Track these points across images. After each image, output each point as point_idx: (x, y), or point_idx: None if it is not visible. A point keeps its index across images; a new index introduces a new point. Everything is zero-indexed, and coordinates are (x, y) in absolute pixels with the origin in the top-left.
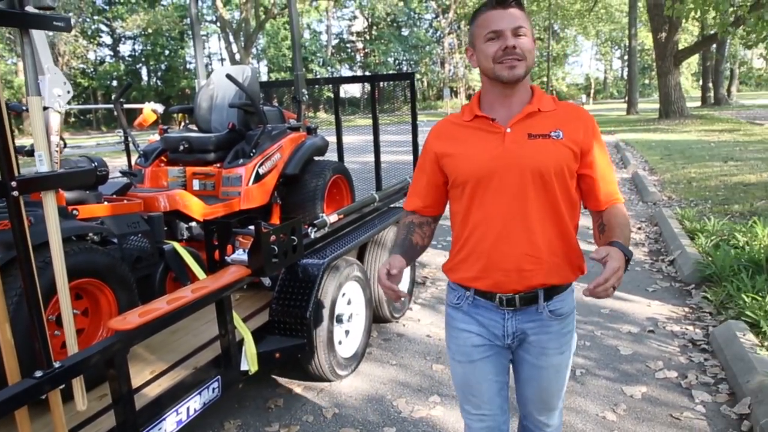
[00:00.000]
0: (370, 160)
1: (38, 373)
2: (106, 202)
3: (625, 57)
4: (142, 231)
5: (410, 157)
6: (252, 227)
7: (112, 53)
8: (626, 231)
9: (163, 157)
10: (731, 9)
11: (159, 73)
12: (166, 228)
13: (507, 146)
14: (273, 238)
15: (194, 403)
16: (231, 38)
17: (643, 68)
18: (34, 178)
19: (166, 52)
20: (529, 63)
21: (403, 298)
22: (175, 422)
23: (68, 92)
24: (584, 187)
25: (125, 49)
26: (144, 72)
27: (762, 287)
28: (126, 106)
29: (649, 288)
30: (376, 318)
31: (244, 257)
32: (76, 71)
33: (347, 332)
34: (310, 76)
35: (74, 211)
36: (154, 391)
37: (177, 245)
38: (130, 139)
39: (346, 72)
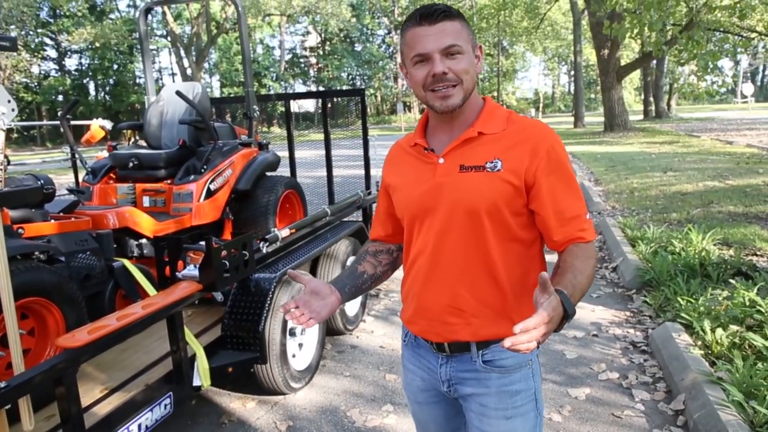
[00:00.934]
0: (324, 174)
1: None
2: (53, 220)
3: (572, 72)
4: (90, 249)
5: (363, 171)
6: (203, 243)
7: (57, 67)
8: (580, 278)
9: (111, 174)
10: (665, 29)
11: (107, 88)
12: (116, 245)
13: (437, 180)
14: (224, 253)
15: (146, 420)
16: (182, 53)
17: (589, 83)
18: None
19: (115, 66)
20: (467, 86)
21: (291, 315)
22: None
23: (12, 110)
24: (538, 225)
25: (71, 63)
26: (91, 87)
27: (696, 290)
28: (73, 122)
29: (593, 294)
30: (330, 330)
31: (195, 273)
32: (18, 86)
33: (300, 345)
34: (263, 91)
35: (20, 230)
36: (104, 409)
37: (127, 262)
38: (77, 156)
39: (299, 87)
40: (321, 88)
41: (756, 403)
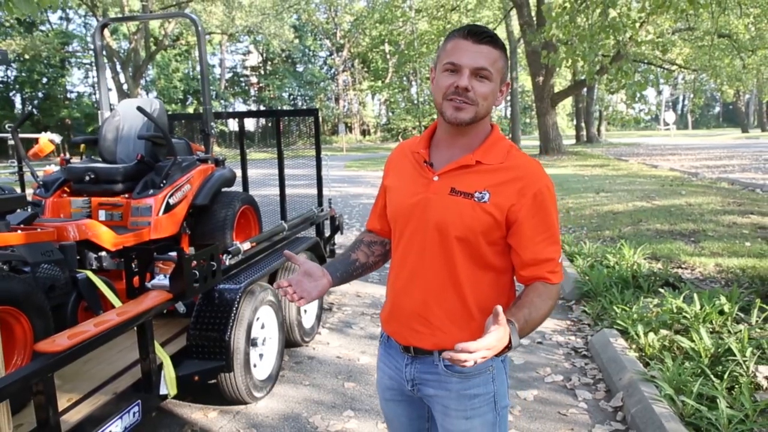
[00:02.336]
0: (269, 192)
1: None
2: (19, 231)
3: (508, 98)
4: (55, 260)
5: (310, 191)
6: (173, 253)
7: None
8: (535, 315)
9: (65, 188)
10: (596, 59)
11: (36, 102)
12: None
13: (428, 196)
14: (194, 263)
15: (116, 428)
16: (119, 68)
17: (525, 108)
18: None
19: (44, 80)
20: (481, 110)
21: (293, 300)
22: None
23: None
24: (512, 258)
25: None
26: (17, 100)
27: (629, 300)
28: (21, 135)
29: None
30: (288, 342)
31: (165, 282)
32: None
33: (261, 355)
34: (201, 109)
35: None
36: (75, 416)
37: (91, 274)
38: (28, 169)
39: (240, 105)
40: (262, 108)
41: (684, 396)
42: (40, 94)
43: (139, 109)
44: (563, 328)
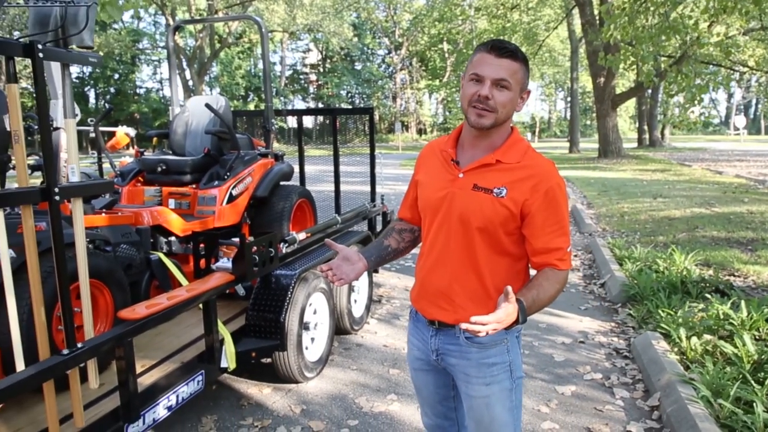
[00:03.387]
0: (322, 188)
1: (65, 351)
2: (103, 214)
3: (568, 99)
4: (132, 241)
5: (363, 188)
6: (236, 239)
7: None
8: (543, 296)
9: (139, 178)
10: (655, 62)
11: (107, 97)
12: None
13: (453, 191)
14: (255, 248)
15: (182, 393)
16: (185, 65)
17: (585, 110)
18: (71, 186)
19: (116, 75)
20: (500, 116)
21: (332, 281)
22: (166, 408)
23: (76, 114)
24: (526, 246)
25: (72, 70)
26: (92, 95)
27: (676, 305)
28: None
29: (581, 306)
30: (338, 329)
31: (228, 265)
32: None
33: (313, 339)
34: (262, 106)
35: None
36: (147, 380)
37: (163, 256)
38: (108, 160)
39: (299, 103)
40: (320, 105)
41: (722, 399)
42: (111, 90)
43: (207, 105)
44: (607, 330)
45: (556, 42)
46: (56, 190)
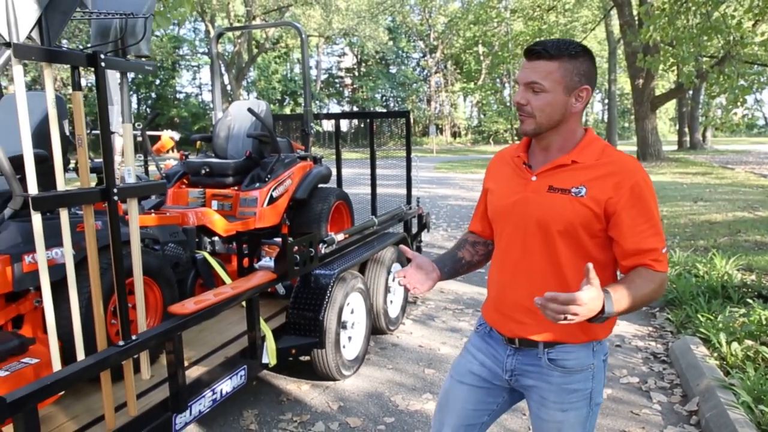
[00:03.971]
0: (357, 191)
1: (121, 343)
2: (153, 214)
3: (606, 100)
4: (179, 241)
5: (397, 191)
6: (279, 239)
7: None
8: (634, 292)
9: (184, 180)
10: (697, 62)
11: (149, 101)
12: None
13: (527, 195)
14: (296, 248)
15: (226, 386)
16: (223, 70)
17: (623, 112)
18: (128, 187)
19: (157, 81)
20: (540, 120)
21: (409, 289)
22: (211, 400)
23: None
24: (614, 250)
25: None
26: (134, 100)
27: (716, 309)
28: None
29: None
30: (374, 329)
31: (270, 264)
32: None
33: (350, 338)
34: (298, 109)
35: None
36: (194, 373)
37: (207, 255)
38: (154, 163)
39: (334, 106)
40: (355, 108)
41: (763, 405)
42: (153, 95)
43: (250, 110)
44: (644, 334)
45: (593, 43)
46: (115, 190)
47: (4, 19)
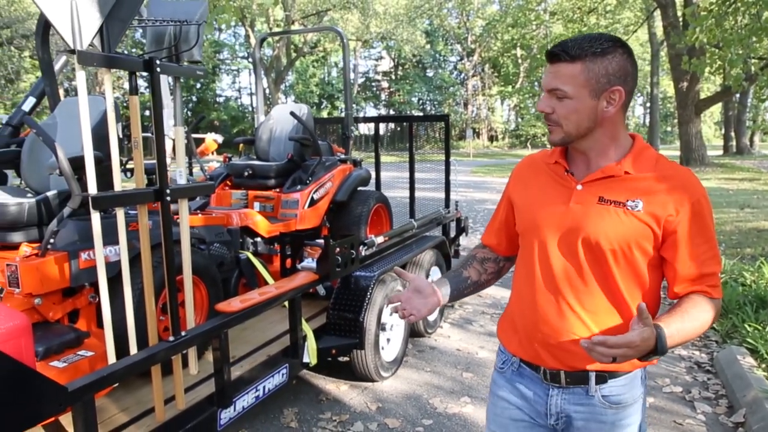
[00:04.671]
0: (394, 194)
1: (171, 339)
2: (199, 215)
3: (648, 104)
4: (224, 241)
5: (434, 194)
6: (321, 240)
7: (146, 84)
8: (688, 325)
9: (227, 181)
10: (743, 66)
11: (189, 105)
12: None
13: (571, 206)
14: (338, 250)
15: (268, 384)
16: (262, 74)
17: (665, 115)
18: (180, 188)
19: (198, 85)
20: (568, 129)
21: (404, 316)
22: (254, 397)
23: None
24: (666, 272)
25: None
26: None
27: (764, 319)
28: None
29: None
30: (412, 332)
31: (313, 265)
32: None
33: (388, 340)
34: (335, 113)
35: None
36: (237, 371)
37: (251, 255)
38: (198, 165)
39: (371, 110)
40: (391, 112)
41: None
42: (194, 98)
43: (292, 113)
44: (687, 344)
45: (635, 45)
46: (168, 191)
47: (69, 27)
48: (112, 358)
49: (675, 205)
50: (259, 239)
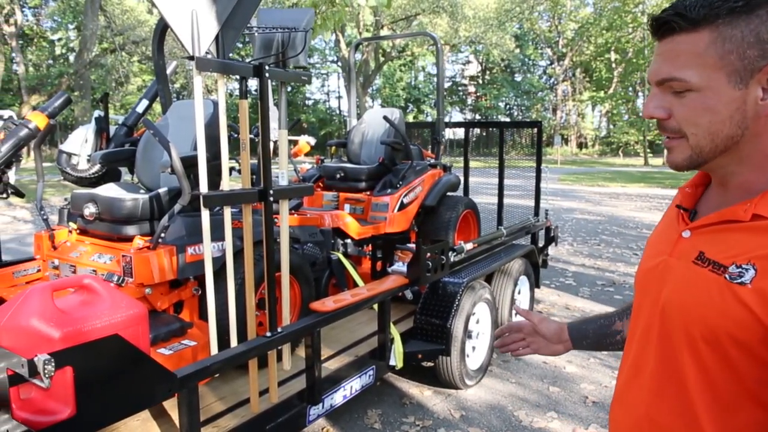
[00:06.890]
0: (481, 200)
1: (269, 334)
2: (295, 215)
3: None
4: (317, 241)
5: (523, 201)
6: (412, 245)
7: (239, 87)
8: None
9: (319, 183)
10: None
11: None
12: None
13: (669, 260)
14: (429, 255)
15: (356, 384)
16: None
17: None
18: (283, 189)
19: (289, 88)
20: (698, 141)
21: (501, 342)
22: (342, 396)
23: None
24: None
25: (251, 84)
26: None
27: None
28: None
29: None
30: None
31: (403, 269)
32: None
33: (474, 348)
34: (421, 117)
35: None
36: (326, 370)
37: (342, 257)
38: (293, 166)
39: (456, 115)
40: (477, 117)
41: None
42: None
43: (385, 118)
44: None
45: None
46: (271, 192)
47: (189, 35)
48: (214, 349)
49: None
50: (349, 241)
